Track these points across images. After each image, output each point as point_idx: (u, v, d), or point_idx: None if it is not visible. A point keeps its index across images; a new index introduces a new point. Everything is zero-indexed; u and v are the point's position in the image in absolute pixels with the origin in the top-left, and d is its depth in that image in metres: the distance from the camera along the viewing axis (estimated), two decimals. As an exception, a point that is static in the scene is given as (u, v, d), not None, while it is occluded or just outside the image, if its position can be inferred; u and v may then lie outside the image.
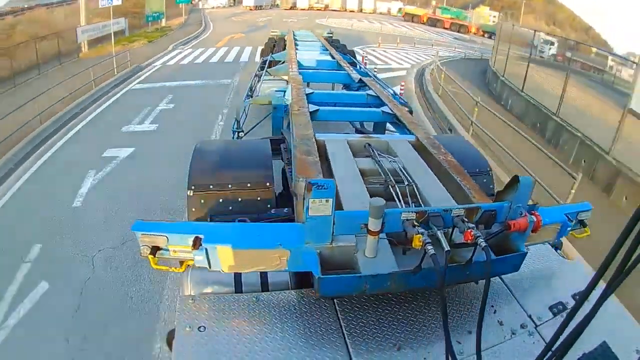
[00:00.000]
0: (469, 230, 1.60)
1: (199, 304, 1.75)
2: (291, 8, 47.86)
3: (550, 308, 1.90)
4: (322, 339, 1.66)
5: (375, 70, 11.15)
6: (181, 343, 1.58)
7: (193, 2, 39.72)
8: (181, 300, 1.78)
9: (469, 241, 1.60)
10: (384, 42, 23.57)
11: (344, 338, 1.68)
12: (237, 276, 1.88)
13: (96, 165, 7.50)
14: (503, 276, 1.97)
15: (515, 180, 1.80)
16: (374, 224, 1.62)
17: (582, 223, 2.17)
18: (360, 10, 47.82)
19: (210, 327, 1.65)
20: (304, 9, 46.85)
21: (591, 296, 1.05)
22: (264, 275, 1.90)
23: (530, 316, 1.86)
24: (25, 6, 20.85)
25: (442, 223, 1.67)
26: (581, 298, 1.06)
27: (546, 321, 1.84)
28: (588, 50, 14.27)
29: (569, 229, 2.12)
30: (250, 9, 43.73)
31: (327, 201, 1.57)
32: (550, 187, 6.26)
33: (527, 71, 11.43)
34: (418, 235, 1.57)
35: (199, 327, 1.64)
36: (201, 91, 12.59)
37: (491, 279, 1.68)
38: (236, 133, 4.58)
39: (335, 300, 1.82)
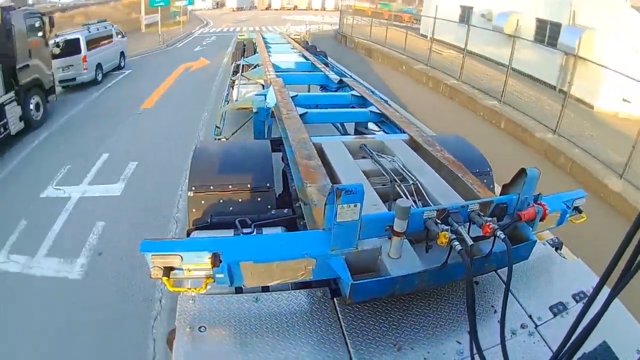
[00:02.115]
0: (488, 224, 1.72)
1: (199, 304, 1.80)
2: (267, 8, 58.07)
3: (551, 308, 1.94)
4: (322, 339, 1.70)
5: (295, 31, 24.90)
6: (181, 343, 1.63)
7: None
8: (182, 300, 1.81)
9: (487, 234, 1.72)
10: (310, 23, 34.04)
11: (344, 338, 1.72)
12: None
13: (200, 45, 26.67)
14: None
15: (522, 172, 1.94)
16: (400, 225, 1.69)
17: (577, 209, 2.35)
18: (323, 9, 56.41)
19: (210, 328, 1.69)
20: (277, 9, 57.34)
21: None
22: None
23: (530, 316, 1.90)
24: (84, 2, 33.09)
25: (462, 219, 1.79)
26: (587, 303, 1.10)
27: (546, 321, 1.88)
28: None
29: (567, 215, 2.32)
30: (233, 10, 54.48)
31: (355, 206, 1.61)
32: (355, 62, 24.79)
33: (350, 24, 26.94)
34: (444, 233, 1.67)
35: (200, 327, 1.69)
36: (224, 36, 31.07)
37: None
38: (217, 139, 4.61)
39: (335, 301, 1.87)
